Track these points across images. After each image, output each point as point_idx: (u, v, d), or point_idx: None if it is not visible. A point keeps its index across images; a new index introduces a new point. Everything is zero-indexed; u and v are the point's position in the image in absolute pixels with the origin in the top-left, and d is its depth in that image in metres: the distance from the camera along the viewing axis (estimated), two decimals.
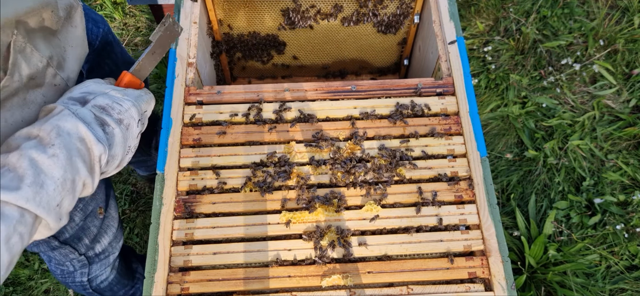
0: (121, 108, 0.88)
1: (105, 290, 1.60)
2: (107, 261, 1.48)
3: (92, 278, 1.49)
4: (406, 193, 1.14)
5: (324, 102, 1.24)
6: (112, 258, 1.49)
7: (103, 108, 0.85)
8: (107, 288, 1.60)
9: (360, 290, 1.04)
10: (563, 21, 2.58)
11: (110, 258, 1.49)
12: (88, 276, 1.46)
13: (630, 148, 2.30)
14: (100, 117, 0.84)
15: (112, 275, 1.56)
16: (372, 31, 1.61)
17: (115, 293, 1.68)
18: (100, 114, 0.84)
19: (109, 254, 1.47)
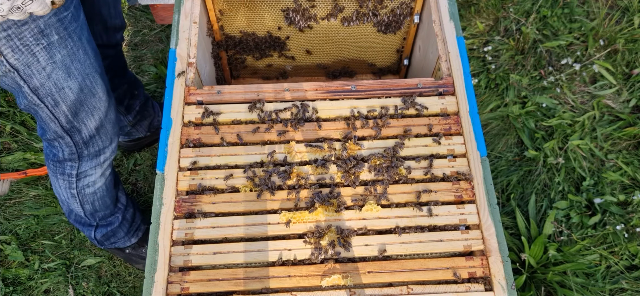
0: None
1: (87, 200, 1.56)
2: (97, 159, 1.45)
3: (80, 175, 1.46)
4: (406, 193, 1.14)
5: (324, 102, 1.24)
6: (102, 158, 1.47)
7: None
8: (89, 199, 1.57)
9: (360, 290, 1.03)
10: (563, 21, 2.58)
11: (101, 157, 1.46)
12: (77, 171, 1.44)
13: (630, 148, 2.30)
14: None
15: (100, 182, 1.53)
16: (372, 31, 1.61)
17: (95, 213, 1.66)
18: None
19: (99, 150, 1.44)
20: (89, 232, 1.78)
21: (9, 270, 2.04)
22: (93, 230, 1.77)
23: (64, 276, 2.04)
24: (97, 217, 1.71)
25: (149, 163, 2.24)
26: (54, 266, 2.05)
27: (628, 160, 2.25)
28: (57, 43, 1.17)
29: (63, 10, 1.14)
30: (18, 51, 1.14)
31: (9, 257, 2.06)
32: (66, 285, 2.02)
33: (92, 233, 1.78)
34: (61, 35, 1.17)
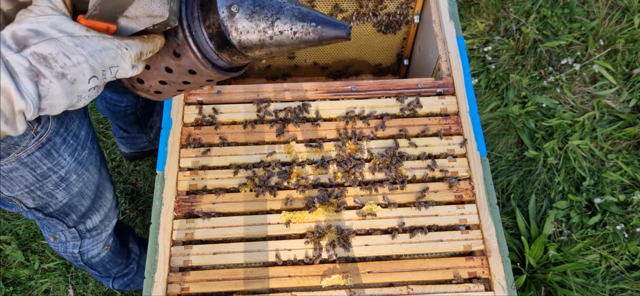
0: (69, 63, 0.72)
1: (97, 265, 1.59)
2: (99, 237, 1.47)
3: (84, 252, 1.48)
4: (406, 193, 1.14)
5: (324, 101, 1.24)
6: (104, 236, 1.49)
7: (44, 58, 0.71)
8: (99, 264, 1.59)
9: (360, 290, 1.03)
10: (563, 21, 2.58)
11: (103, 235, 1.48)
12: (79, 250, 1.46)
13: (630, 148, 2.30)
14: (36, 67, 0.70)
15: (104, 252, 1.55)
16: (372, 31, 1.61)
17: (108, 270, 1.68)
18: (37, 64, 0.70)
19: (101, 231, 1.46)
20: (106, 283, 1.81)
21: (9, 270, 2.04)
22: (111, 281, 1.80)
23: (64, 276, 2.04)
24: (112, 273, 1.73)
25: (149, 163, 2.24)
26: (54, 266, 2.05)
27: (628, 160, 2.25)
28: (65, 176, 1.20)
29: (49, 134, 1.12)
30: (38, 198, 1.20)
31: (9, 257, 2.06)
32: (66, 285, 2.02)
33: (110, 284, 1.81)
34: (68, 167, 1.20)
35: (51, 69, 0.71)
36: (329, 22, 0.84)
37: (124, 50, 0.77)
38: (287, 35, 0.84)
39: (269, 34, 0.83)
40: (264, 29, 0.82)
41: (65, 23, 0.73)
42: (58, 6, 0.73)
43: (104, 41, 0.75)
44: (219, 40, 0.83)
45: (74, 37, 0.73)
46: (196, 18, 0.82)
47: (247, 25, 0.82)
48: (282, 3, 0.83)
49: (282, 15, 0.82)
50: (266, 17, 0.82)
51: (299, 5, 0.84)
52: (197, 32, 0.83)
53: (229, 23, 0.81)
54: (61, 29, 0.72)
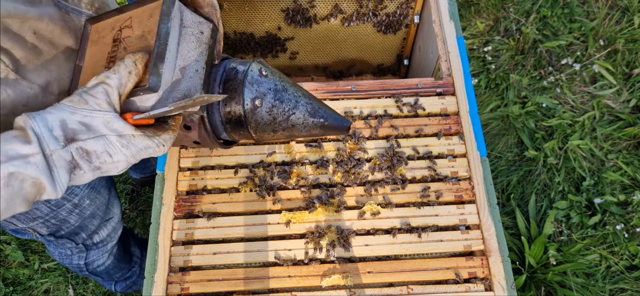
0: (109, 160, 0.74)
1: (101, 273, 1.60)
2: (104, 248, 1.49)
3: (89, 263, 1.50)
4: (406, 193, 1.14)
5: (324, 102, 1.24)
6: (110, 246, 1.50)
7: (88, 153, 0.72)
8: (103, 272, 1.61)
9: (360, 290, 1.03)
10: (563, 21, 2.58)
11: (108, 245, 1.49)
12: (85, 261, 1.47)
13: (630, 148, 2.30)
14: (76, 161, 0.72)
15: (109, 260, 1.57)
16: (372, 31, 1.61)
17: (112, 275, 1.69)
18: (79, 159, 0.72)
19: (107, 243, 1.48)
20: (109, 286, 1.82)
21: (9, 270, 2.04)
22: (113, 285, 1.81)
23: (64, 276, 2.04)
24: (114, 278, 1.74)
25: None
26: (54, 266, 2.05)
27: (628, 160, 2.25)
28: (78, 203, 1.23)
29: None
30: (51, 225, 1.23)
31: (9, 257, 2.06)
32: (66, 285, 2.02)
33: (112, 287, 1.82)
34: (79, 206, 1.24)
35: (90, 164, 0.73)
36: (334, 119, 0.90)
37: (161, 147, 0.79)
38: (298, 128, 0.89)
39: (283, 125, 0.88)
40: (280, 122, 0.87)
41: (117, 122, 0.74)
42: (114, 102, 0.74)
43: (147, 141, 0.77)
44: (235, 125, 0.88)
45: (122, 137, 0.74)
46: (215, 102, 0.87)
47: (266, 118, 0.86)
48: (298, 97, 0.88)
49: (297, 110, 0.87)
50: (284, 111, 0.86)
51: (311, 99, 0.89)
52: (214, 114, 0.87)
53: (250, 115, 0.86)
54: (112, 128, 0.73)
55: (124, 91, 0.75)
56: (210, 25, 0.88)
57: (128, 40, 0.83)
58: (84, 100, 0.72)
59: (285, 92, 0.87)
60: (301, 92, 0.89)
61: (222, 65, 0.90)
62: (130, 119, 0.77)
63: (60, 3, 0.91)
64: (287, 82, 0.89)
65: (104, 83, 0.74)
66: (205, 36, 0.86)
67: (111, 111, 0.74)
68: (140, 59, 0.76)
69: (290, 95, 0.87)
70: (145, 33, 0.81)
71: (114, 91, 0.74)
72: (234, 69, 0.88)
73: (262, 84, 0.86)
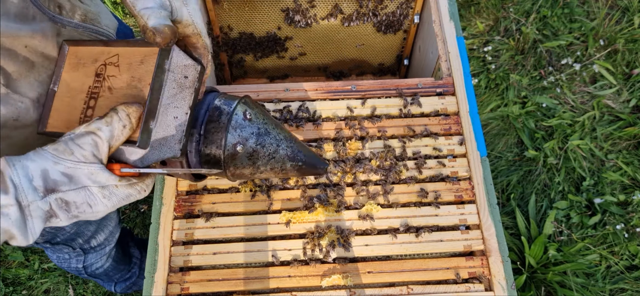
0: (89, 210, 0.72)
1: (100, 275, 1.61)
2: (102, 252, 1.49)
3: (88, 266, 1.50)
4: (406, 193, 1.14)
5: (324, 101, 1.24)
6: (108, 249, 1.50)
7: (67, 204, 0.70)
8: (102, 274, 1.61)
9: (360, 290, 1.03)
10: (563, 21, 2.58)
11: (106, 248, 1.49)
12: (83, 264, 1.48)
13: (630, 148, 2.30)
14: (54, 210, 0.70)
15: (107, 263, 1.57)
16: (372, 31, 1.61)
17: (111, 277, 1.69)
18: (57, 209, 0.70)
19: (105, 246, 1.48)
20: (109, 287, 1.82)
21: (9, 270, 2.04)
22: (113, 286, 1.81)
23: (64, 276, 2.04)
24: (114, 279, 1.74)
25: None
26: (54, 267, 2.05)
27: (628, 160, 2.25)
28: None
29: None
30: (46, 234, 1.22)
31: (9, 257, 2.06)
32: (66, 285, 2.02)
33: (112, 288, 1.82)
34: None
35: (68, 213, 0.71)
36: (312, 162, 0.90)
37: (143, 192, 0.78)
38: (276, 171, 0.88)
39: (262, 169, 0.87)
40: (258, 166, 0.86)
41: (101, 173, 0.72)
42: (101, 155, 0.72)
43: (129, 189, 0.75)
44: (212, 164, 0.85)
45: (104, 188, 0.72)
46: (195, 141, 0.84)
47: (245, 162, 0.85)
48: (279, 141, 0.86)
49: (277, 155, 0.86)
50: (264, 155, 0.85)
51: (291, 141, 0.88)
52: (192, 153, 0.85)
53: (229, 159, 0.83)
54: (95, 179, 0.71)
55: (114, 145, 0.73)
56: (197, 67, 0.83)
57: (114, 81, 0.80)
58: (69, 149, 0.70)
59: (268, 136, 0.85)
60: (283, 134, 0.88)
61: (206, 102, 0.86)
62: (116, 171, 0.75)
63: (55, 17, 0.89)
64: (270, 123, 0.87)
65: (95, 134, 0.71)
66: (189, 80, 0.82)
67: (96, 163, 0.71)
68: (134, 113, 0.74)
69: (272, 139, 0.86)
70: (135, 79, 0.78)
71: (104, 144, 0.72)
72: (217, 109, 0.85)
73: (245, 128, 0.84)
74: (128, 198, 0.76)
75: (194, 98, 0.82)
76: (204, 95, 0.88)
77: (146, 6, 0.73)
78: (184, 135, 0.80)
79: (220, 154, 0.82)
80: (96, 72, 0.82)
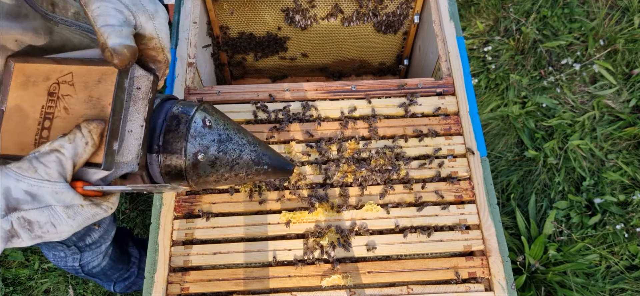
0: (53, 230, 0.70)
1: (98, 274, 1.60)
2: (98, 250, 1.49)
3: (84, 264, 1.50)
4: (406, 193, 1.14)
5: (324, 102, 1.24)
6: (104, 247, 1.50)
7: (30, 223, 0.68)
8: (100, 273, 1.60)
9: (360, 290, 1.03)
10: (563, 21, 2.58)
11: (102, 247, 1.49)
12: (80, 262, 1.47)
13: (630, 148, 2.30)
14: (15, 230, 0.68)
15: (104, 261, 1.57)
16: (372, 31, 1.61)
17: (109, 276, 1.69)
18: (19, 228, 0.68)
19: (101, 244, 1.48)
20: (108, 287, 1.82)
21: (9, 270, 2.04)
22: (112, 285, 1.81)
23: (64, 276, 2.04)
24: (113, 278, 1.74)
25: None
26: (53, 267, 2.05)
27: (628, 160, 2.25)
28: None
29: None
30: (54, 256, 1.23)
31: (9, 257, 2.06)
32: (66, 285, 2.02)
33: (111, 287, 1.82)
34: None
35: (31, 233, 0.69)
36: (279, 164, 0.88)
37: (109, 210, 0.76)
38: (241, 176, 0.86)
39: (226, 176, 0.84)
40: (222, 173, 0.83)
41: (66, 192, 0.70)
42: (66, 173, 0.70)
43: (95, 208, 0.74)
44: (174, 176, 0.82)
45: (69, 208, 0.70)
46: (155, 152, 0.81)
47: (208, 170, 0.82)
48: (242, 146, 0.84)
49: (241, 159, 0.84)
50: (227, 161, 0.83)
51: (255, 145, 0.86)
52: (152, 166, 0.82)
53: (191, 168, 0.80)
54: (60, 199, 0.69)
55: (78, 162, 0.71)
56: (150, 77, 0.80)
57: (70, 101, 0.77)
58: (33, 167, 0.68)
59: (230, 142, 0.83)
60: (246, 139, 0.86)
61: (164, 110, 0.84)
62: (80, 189, 0.73)
63: (48, 15, 0.88)
64: (232, 128, 0.85)
65: (58, 152, 0.69)
66: (141, 91, 0.78)
67: (61, 181, 0.69)
68: (95, 130, 0.72)
69: (235, 145, 0.83)
70: (94, 99, 0.76)
71: (68, 161, 0.70)
72: (175, 118, 0.82)
73: (205, 136, 0.81)
74: (94, 218, 0.74)
75: (149, 109, 0.79)
76: (161, 102, 0.85)
77: (108, 23, 0.70)
78: (140, 148, 0.77)
79: (181, 165, 0.80)
80: (49, 90, 0.79)
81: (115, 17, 0.72)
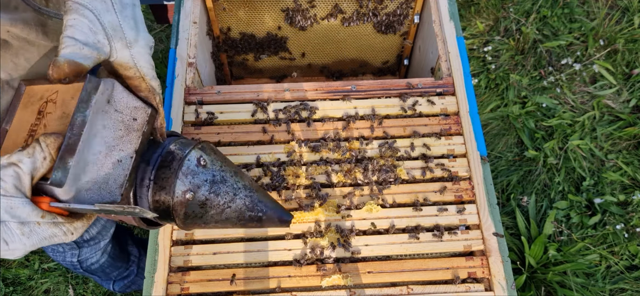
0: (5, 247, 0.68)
1: (96, 271, 1.60)
2: (97, 246, 1.48)
3: (83, 260, 1.49)
4: (406, 193, 1.14)
5: (324, 102, 1.24)
6: (102, 244, 1.50)
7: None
8: (98, 270, 1.60)
9: (360, 290, 1.03)
10: (563, 21, 2.58)
11: (101, 243, 1.49)
12: (78, 258, 1.47)
13: (630, 148, 2.30)
14: None
15: (103, 258, 1.56)
16: (372, 31, 1.61)
17: (108, 274, 1.69)
18: None
19: (99, 240, 1.47)
20: (107, 286, 1.82)
21: (9, 270, 2.04)
22: (111, 284, 1.80)
23: (64, 276, 2.04)
24: (112, 277, 1.73)
25: None
26: (54, 266, 2.05)
27: (628, 160, 2.25)
28: None
29: None
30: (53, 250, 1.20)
31: None
32: (66, 285, 2.02)
33: (110, 286, 1.81)
34: None
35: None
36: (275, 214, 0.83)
37: (69, 235, 0.72)
38: (232, 221, 0.82)
39: (216, 218, 0.80)
40: (212, 215, 0.80)
41: (22, 208, 0.67)
42: (24, 187, 0.67)
43: (53, 228, 0.70)
44: (163, 213, 0.79)
45: (24, 224, 0.67)
46: (145, 186, 0.79)
47: (197, 211, 0.79)
48: (237, 190, 0.80)
49: (233, 204, 0.80)
50: (218, 204, 0.79)
51: (251, 191, 0.82)
52: (142, 199, 0.79)
53: (178, 207, 0.78)
54: (15, 214, 0.66)
55: (36, 176, 0.69)
56: (148, 110, 0.80)
57: (49, 118, 0.76)
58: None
59: (224, 184, 0.80)
60: (242, 182, 0.82)
61: (162, 146, 0.82)
62: (44, 205, 0.70)
63: (41, 9, 0.87)
64: (229, 170, 0.82)
65: (16, 166, 0.67)
66: (138, 122, 0.78)
67: (19, 196, 0.66)
68: (52, 144, 0.69)
69: (229, 187, 0.80)
70: (65, 114, 0.75)
71: (26, 176, 0.67)
72: (171, 154, 0.80)
73: (198, 175, 0.78)
74: (51, 239, 0.70)
75: (142, 141, 0.78)
76: (166, 138, 0.84)
77: (73, 36, 0.69)
78: (126, 179, 0.75)
79: (169, 201, 0.77)
80: (39, 109, 0.79)
81: (85, 35, 0.70)
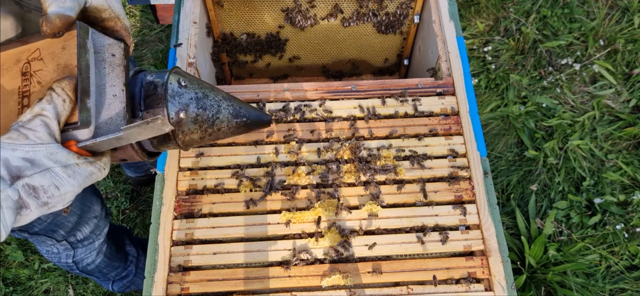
0: (57, 193, 0.72)
1: (93, 271, 1.60)
2: (91, 246, 1.48)
3: (78, 261, 1.49)
4: (406, 193, 1.14)
5: (324, 102, 1.24)
6: (97, 244, 1.50)
7: (35, 189, 0.70)
8: (95, 270, 1.60)
9: (360, 290, 1.03)
10: (563, 21, 2.58)
11: (95, 243, 1.49)
12: (73, 259, 1.47)
13: (630, 148, 2.30)
14: (23, 199, 0.69)
15: (98, 258, 1.56)
16: (372, 31, 1.61)
17: (106, 274, 1.68)
18: (26, 196, 0.69)
19: (93, 240, 1.47)
20: (106, 286, 1.82)
21: (9, 270, 2.04)
22: (110, 284, 1.80)
23: (64, 276, 2.04)
24: (110, 277, 1.73)
25: None
26: (53, 266, 2.05)
27: (628, 160, 2.25)
28: None
29: None
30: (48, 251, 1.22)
31: (9, 257, 2.06)
32: (66, 285, 2.02)
33: (109, 286, 1.81)
34: None
35: (38, 200, 0.70)
36: (256, 116, 0.95)
37: (103, 170, 0.79)
38: (224, 131, 0.91)
39: (209, 131, 0.89)
40: (206, 128, 0.88)
41: (60, 152, 0.71)
42: (54, 133, 0.72)
43: (90, 167, 0.76)
44: (162, 139, 0.87)
45: (66, 167, 0.72)
46: (139, 118, 0.84)
47: (191, 127, 0.87)
48: (219, 101, 0.89)
49: (220, 115, 0.89)
50: (208, 117, 0.88)
51: (231, 101, 0.91)
52: None
53: (177, 127, 0.85)
54: (56, 159, 0.71)
55: (61, 120, 0.73)
56: (121, 44, 0.85)
57: (41, 74, 0.79)
58: (23, 135, 0.69)
59: (207, 99, 0.88)
60: (221, 96, 0.90)
61: (138, 80, 0.88)
62: (74, 147, 0.75)
63: (21, 2, 0.89)
64: (207, 88, 0.90)
65: (41, 116, 0.71)
66: (117, 58, 0.84)
67: (53, 142, 0.71)
68: (68, 85, 0.74)
69: (212, 101, 0.88)
70: (61, 65, 0.78)
71: (53, 122, 0.71)
72: (152, 83, 0.86)
73: (183, 96, 0.86)
74: (91, 176, 0.76)
75: (126, 74, 0.84)
76: (134, 74, 0.90)
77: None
78: (124, 110, 0.81)
79: None
80: (22, 71, 0.81)
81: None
